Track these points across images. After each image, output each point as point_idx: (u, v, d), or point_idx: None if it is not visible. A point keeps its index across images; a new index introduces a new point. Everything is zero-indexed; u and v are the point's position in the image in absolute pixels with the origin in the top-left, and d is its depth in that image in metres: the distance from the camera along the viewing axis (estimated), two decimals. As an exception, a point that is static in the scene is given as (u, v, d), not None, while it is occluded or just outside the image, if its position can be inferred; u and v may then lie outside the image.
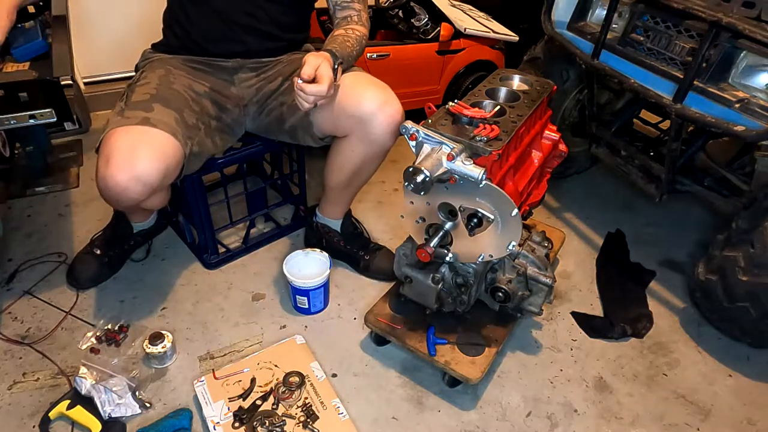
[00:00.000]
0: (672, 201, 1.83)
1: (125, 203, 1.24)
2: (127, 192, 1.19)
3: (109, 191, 1.20)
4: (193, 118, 1.34)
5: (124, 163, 1.17)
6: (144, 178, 1.19)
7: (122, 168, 1.17)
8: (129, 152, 1.18)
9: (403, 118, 1.34)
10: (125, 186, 1.18)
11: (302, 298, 1.50)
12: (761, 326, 1.40)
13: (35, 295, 1.54)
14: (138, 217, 1.63)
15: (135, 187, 1.19)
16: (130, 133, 1.21)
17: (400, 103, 1.35)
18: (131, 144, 1.19)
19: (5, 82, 1.20)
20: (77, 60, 1.44)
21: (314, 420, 1.22)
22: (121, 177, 1.17)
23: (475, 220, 1.17)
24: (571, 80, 1.86)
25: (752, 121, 1.29)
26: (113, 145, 1.19)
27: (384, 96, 1.33)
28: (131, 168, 1.17)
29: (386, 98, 1.33)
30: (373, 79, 1.38)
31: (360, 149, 1.39)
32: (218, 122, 1.43)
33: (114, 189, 1.19)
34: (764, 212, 1.36)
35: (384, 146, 1.38)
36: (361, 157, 1.41)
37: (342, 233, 1.67)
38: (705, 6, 1.33)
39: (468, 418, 1.30)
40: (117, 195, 1.20)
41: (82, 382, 1.24)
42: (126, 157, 1.18)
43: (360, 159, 1.42)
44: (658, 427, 1.32)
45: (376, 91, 1.33)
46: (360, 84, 1.34)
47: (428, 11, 2.34)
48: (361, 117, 1.32)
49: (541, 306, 1.34)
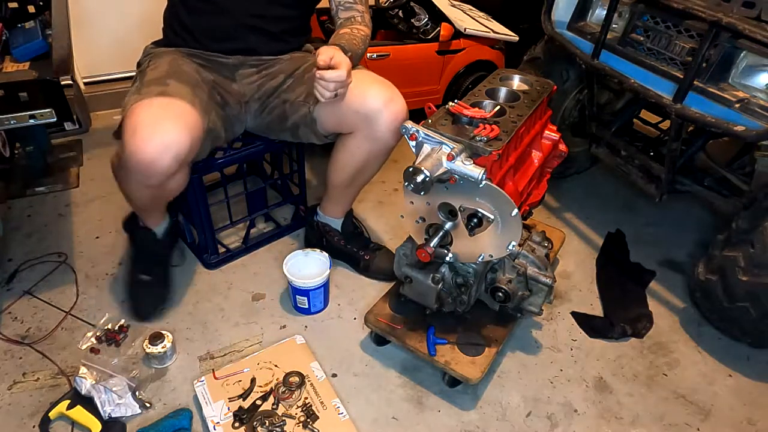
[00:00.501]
0: (672, 201, 1.83)
1: (155, 178, 1.21)
2: (157, 163, 1.16)
3: (139, 165, 1.17)
4: (204, 96, 1.35)
5: (151, 134, 1.15)
6: (173, 147, 1.17)
7: (149, 139, 1.15)
8: (154, 123, 1.17)
9: (407, 115, 1.35)
10: (154, 157, 1.15)
11: (302, 298, 1.50)
12: (761, 326, 1.40)
13: (35, 295, 1.54)
14: (155, 218, 1.54)
15: (164, 157, 1.16)
16: (152, 106, 1.20)
17: (404, 100, 1.36)
18: (155, 115, 1.18)
19: (5, 82, 1.19)
20: (77, 60, 1.43)
21: (314, 420, 1.22)
22: (149, 148, 1.15)
23: (475, 220, 1.17)
24: (571, 80, 1.86)
25: (752, 121, 1.29)
26: (137, 119, 1.18)
27: (389, 93, 1.34)
28: (159, 138, 1.15)
29: (392, 95, 1.34)
30: (378, 77, 1.39)
31: (364, 146, 1.40)
32: (223, 111, 1.43)
33: (143, 162, 1.16)
34: (764, 212, 1.36)
35: (388, 143, 1.39)
36: (365, 154, 1.42)
37: (342, 232, 1.67)
38: (705, 6, 1.33)
39: (468, 418, 1.30)
40: (146, 168, 1.17)
41: (82, 382, 1.24)
42: (152, 128, 1.16)
43: (364, 156, 1.42)
44: (658, 427, 1.32)
45: (381, 88, 1.34)
46: (365, 81, 1.35)
47: (428, 11, 2.34)
48: (367, 113, 1.32)
49: (541, 306, 1.34)
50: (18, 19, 1.52)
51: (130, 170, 1.21)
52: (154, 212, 1.52)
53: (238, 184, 1.75)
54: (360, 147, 1.41)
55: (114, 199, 1.93)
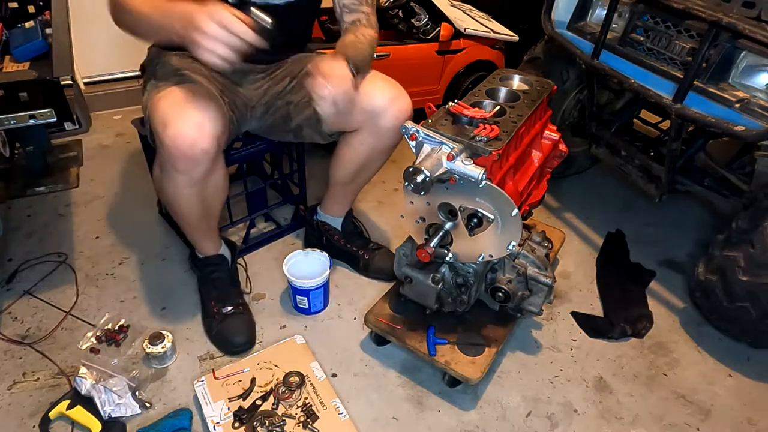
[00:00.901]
0: (672, 201, 1.84)
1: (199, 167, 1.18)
2: (197, 146, 1.13)
3: (179, 153, 1.14)
4: (219, 86, 1.34)
5: (183, 119, 1.13)
6: (207, 125, 1.14)
7: (183, 124, 1.12)
8: (181, 108, 1.15)
9: (412, 113, 1.36)
10: (193, 139, 1.13)
11: (302, 298, 1.50)
12: (761, 326, 1.40)
13: (35, 295, 1.54)
14: (212, 242, 1.48)
15: (203, 136, 1.13)
16: (174, 94, 1.18)
17: (409, 98, 1.37)
18: (180, 101, 1.16)
19: (5, 82, 1.20)
20: (77, 60, 1.43)
21: (314, 420, 1.22)
22: (185, 132, 1.12)
23: (475, 220, 1.17)
24: (571, 80, 1.86)
25: (752, 121, 1.29)
26: (164, 111, 1.15)
27: (395, 91, 1.36)
28: (191, 119, 1.13)
29: (397, 93, 1.36)
30: (383, 75, 1.40)
31: (369, 142, 1.40)
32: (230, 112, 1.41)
33: (183, 147, 1.13)
34: (764, 212, 1.36)
35: (392, 140, 1.39)
36: (369, 150, 1.42)
37: (343, 232, 1.67)
38: (705, 6, 1.33)
39: (468, 418, 1.30)
40: (188, 154, 1.14)
41: (82, 382, 1.24)
42: (181, 113, 1.14)
43: (368, 152, 1.43)
44: (658, 427, 1.32)
45: (386, 85, 1.36)
46: (371, 79, 1.35)
47: (428, 11, 2.34)
48: (373, 110, 1.33)
49: (541, 306, 1.34)
50: (18, 19, 1.52)
51: (173, 166, 1.17)
52: (208, 232, 1.45)
53: (239, 184, 1.75)
54: (363, 143, 1.41)
55: (114, 199, 1.94)
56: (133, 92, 2.42)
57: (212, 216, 1.41)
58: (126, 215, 1.87)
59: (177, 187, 1.24)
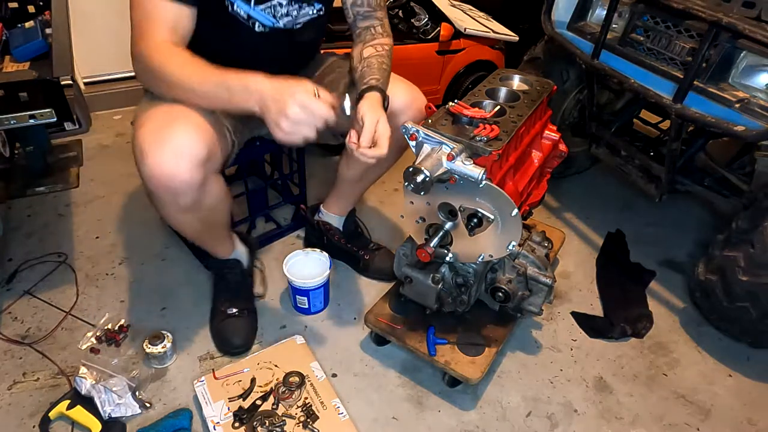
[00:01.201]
0: (672, 201, 1.84)
1: (184, 196, 1.11)
2: (176, 177, 1.07)
3: (159, 186, 1.08)
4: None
5: (158, 147, 1.06)
6: (186, 152, 1.06)
7: (158, 153, 1.05)
8: (160, 136, 1.07)
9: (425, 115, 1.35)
10: (171, 171, 1.06)
11: (302, 298, 1.50)
12: (761, 326, 1.40)
13: (35, 295, 1.54)
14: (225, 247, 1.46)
15: (181, 166, 1.06)
16: (155, 117, 1.10)
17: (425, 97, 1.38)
18: (159, 128, 1.08)
19: (5, 82, 1.20)
20: (77, 60, 1.43)
21: (314, 420, 1.22)
22: (162, 162, 1.05)
23: (475, 220, 1.17)
24: (571, 80, 1.86)
25: (752, 121, 1.29)
26: (142, 138, 1.08)
27: (413, 93, 1.37)
28: (168, 147, 1.06)
29: (415, 95, 1.37)
30: (399, 77, 1.40)
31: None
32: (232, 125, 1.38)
33: (162, 180, 1.07)
34: (764, 212, 1.36)
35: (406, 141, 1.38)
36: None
37: (344, 231, 1.67)
38: (705, 6, 1.33)
39: (468, 418, 1.30)
40: (168, 187, 1.08)
41: (82, 382, 1.24)
42: (157, 140, 1.06)
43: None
44: (658, 427, 1.32)
45: (404, 87, 1.37)
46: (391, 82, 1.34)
47: (428, 11, 2.34)
48: (392, 112, 1.31)
49: (541, 306, 1.34)
50: (18, 19, 1.53)
51: (156, 197, 1.12)
52: (218, 240, 1.43)
53: (239, 184, 1.75)
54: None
55: (114, 199, 1.94)
56: (133, 92, 2.42)
57: (217, 226, 1.37)
58: (126, 215, 1.87)
59: (169, 214, 1.20)
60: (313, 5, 1.29)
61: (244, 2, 1.19)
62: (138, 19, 1.10)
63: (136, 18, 1.11)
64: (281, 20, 1.26)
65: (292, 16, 1.28)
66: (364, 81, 1.25)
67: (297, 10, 1.27)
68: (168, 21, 1.09)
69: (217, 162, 1.19)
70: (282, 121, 0.99)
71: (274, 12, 1.24)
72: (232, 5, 1.18)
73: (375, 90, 1.22)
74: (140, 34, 1.10)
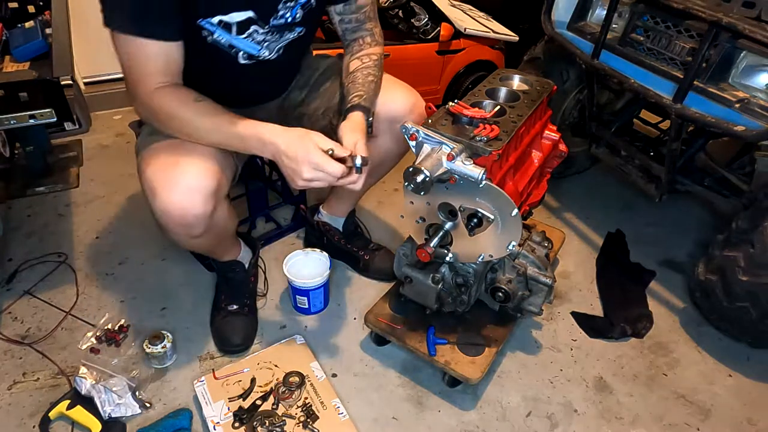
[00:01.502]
0: (672, 201, 1.84)
1: (196, 227, 1.14)
2: (189, 212, 1.09)
3: (173, 223, 1.11)
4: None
5: (171, 187, 1.07)
6: (198, 188, 1.09)
7: (170, 193, 1.07)
8: (169, 173, 1.08)
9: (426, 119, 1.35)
10: (183, 207, 1.08)
11: (302, 298, 1.50)
12: (761, 326, 1.40)
13: (35, 295, 1.54)
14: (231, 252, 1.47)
15: (194, 202, 1.09)
16: (162, 153, 1.12)
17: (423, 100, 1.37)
18: (167, 165, 1.09)
19: (5, 82, 1.20)
20: (77, 60, 1.43)
21: (314, 420, 1.22)
22: (174, 201, 1.07)
23: (475, 220, 1.17)
24: (571, 80, 1.86)
25: (752, 121, 1.29)
26: (151, 176, 1.09)
27: (414, 98, 1.35)
28: (180, 187, 1.07)
29: (416, 100, 1.36)
30: (397, 80, 1.38)
31: (386, 146, 1.39)
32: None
33: (175, 217, 1.09)
34: (764, 212, 1.36)
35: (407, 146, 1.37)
36: (385, 153, 1.40)
37: (343, 232, 1.67)
38: (705, 6, 1.33)
39: (468, 418, 1.30)
40: (182, 222, 1.11)
41: (82, 382, 1.24)
42: (169, 179, 1.08)
43: (383, 155, 1.41)
44: (658, 427, 1.32)
45: (404, 93, 1.35)
46: (388, 88, 1.33)
47: (428, 11, 2.34)
48: (393, 118, 1.31)
49: (541, 306, 1.34)
50: (18, 19, 1.53)
51: (169, 231, 1.15)
52: (225, 248, 1.44)
53: (239, 185, 1.75)
54: (381, 147, 1.38)
55: (114, 199, 1.94)
56: (133, 92, 2.42)
57: (225, 239, 1.39)
58: (126, 215, 1.87)
59: (180, 241, 1.22)
60: (294, 30, 1.23)
61: (224, 31, 1.11)
62: (127, 64, 1.06)
63: (124, 62, 1.06)
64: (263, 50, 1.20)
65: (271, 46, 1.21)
66: (348, 99, 1.22)
67: (277, 39, 1.22)
68: (157, 62, 1.05)
69: (226, 188, 1.20)
70: (296, 179, 1.06)
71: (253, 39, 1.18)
72: (212, 34, 1.11)
73: (357, 109, 1.19)
74: (134, 81, 1.07)
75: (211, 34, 1.11)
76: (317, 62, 1.48)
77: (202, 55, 1.13)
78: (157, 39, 1.02)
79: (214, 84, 1.18)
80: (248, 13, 1.11)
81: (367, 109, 1.22)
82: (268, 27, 1.16)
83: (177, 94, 1.08)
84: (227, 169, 1.20)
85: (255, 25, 1.14)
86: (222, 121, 1.08)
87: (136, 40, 1.01)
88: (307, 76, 1.45)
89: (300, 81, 1.45)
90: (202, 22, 1.08)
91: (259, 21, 1.14)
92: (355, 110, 1.20)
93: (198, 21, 1.07)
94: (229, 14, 1.09)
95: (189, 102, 1.08)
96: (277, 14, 1.16)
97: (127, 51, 1.03)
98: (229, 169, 1.22)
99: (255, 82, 1.31)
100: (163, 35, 1.02)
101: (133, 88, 1.08)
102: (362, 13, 1.33)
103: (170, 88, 1.08)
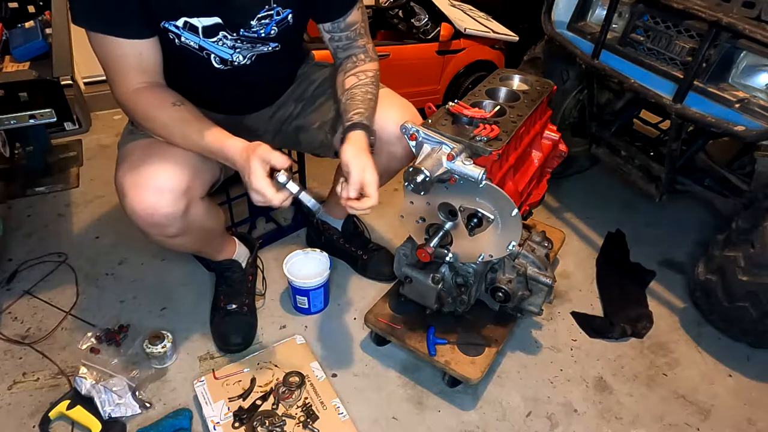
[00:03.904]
0: (672, 201, 1.83)
1: (169, 227, 1.13)
2: (158, 212, 1.08)
3: (142, 223, 1.11)
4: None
5: (138, 185, 1.07)
6: (167, 186, 1.08)
7: (138, 192, 1.07)
8: (138, 173, 1.08)
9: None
10: (152, 207, 1.07)
11: (302, 298, 1.50)
12: (761, 326, 1.40)
13: (35, 295, 1.54)
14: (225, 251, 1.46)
15: (162, 201, 1.08)
16: (134, 153, 1.12)
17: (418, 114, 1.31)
18: (137, 164, 1.09)
19: (5, 82, 1.20)
20: (77, 60, 1.43)
21: (314, 420, 1.22)
22: (142, 200, 1.07)
23: (475, 220, 1.17)
24: (571, 80, 1.86)
25: (752, 121, 1.29)
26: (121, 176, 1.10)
27: (409, 114, 1.29)
28: (148, 186, 1.07)
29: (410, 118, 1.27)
30: (393, 96, 1.34)
31: (382, 162, 1.31)
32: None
33: (144, 217, 1.09)
34: (764, 212, 1.36)
35: (405, 162, 1.34)
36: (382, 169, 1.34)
37: (343, 231, 1.67)
38: (705, 6, 1.33)
39: (468, 418, 1.30)
40: (151, 222, 1.10)
41: (82, 382, 1.24)
42: (137, 179, 1.08)
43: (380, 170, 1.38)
44: (658, 427, 1.32)
45: (399, 111, 1.28)
46: (382, 104, 1.28)
47: (428, 11, 2.34)
48: (388, 140, 1.28)
49: (541, 306, 1.34)
50: (18, 19, 1.53)
51: (142, 230, 1.14)
52: (216, 248, 1.43)
53: (239, 185, 1.75)
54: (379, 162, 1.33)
55: (114, 199, 1.93)
56: (133, 92, 2.42)
57: (212, 238, 1.38)
58: (126, 215, 1.86)
59: (159, 241, 1.21)
60: (268, 44, 1.20)
61: (191, 34, 1.10)
62: (103, 62, 1.07)
63: (101, 60, 1.07)
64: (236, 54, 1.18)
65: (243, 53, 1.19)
66: (347, 117, 1.19)
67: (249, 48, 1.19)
68: (131, 62, 1.05)
69: (200, 189, 1.19)
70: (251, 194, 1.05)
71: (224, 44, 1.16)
72: (179, 37, 1.09)
73: (358, 128, 1.16)
74: (113, 80, 1.08)
75: (178, 36, 1.10)
76: (314, 73, 1.44)
77: (176, 58, 1.13)
78: (124, 37, 1.03)
79: (194, 88, 1.18)
80: (215, 19, 1.10)
81: (367, 127, 1.19)
82: (237, 35, 1.14)
83: (155, 96, 1.08)
84: (205, 170, 1.18)
85: (223, 31, 1.12)
86: (192, 131, 1.08)
87: (106, 38, 1.02)
88: (303, 89, 1.42)
89: (296, 93, 1.42)
90: (166, 24, 1.07)
91: (227, 29, 1.12)
92: (356, 129, 1.16)
93: (161, 23, 1.07)
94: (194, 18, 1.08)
95: (166, 106, 1.08)
96: (250, 29, 1.14)
97: (101, 50, 1.05)
98: (208, 171, 1.20)
99: (233, 88, 1.28)
100: (127, 33, 1.03)
101: (112, 85, 1.09)
102: (352, 31, 1.28)
103: (149, 90, 1.08)
